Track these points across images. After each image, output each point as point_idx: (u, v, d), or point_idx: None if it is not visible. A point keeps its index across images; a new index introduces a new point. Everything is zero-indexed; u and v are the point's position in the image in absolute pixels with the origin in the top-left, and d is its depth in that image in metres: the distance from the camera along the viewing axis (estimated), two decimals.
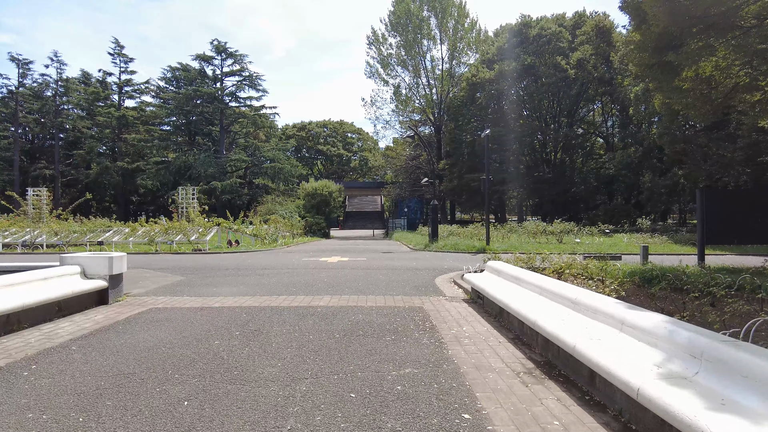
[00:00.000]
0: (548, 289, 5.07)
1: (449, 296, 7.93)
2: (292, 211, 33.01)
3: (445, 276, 10.59)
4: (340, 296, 7.85)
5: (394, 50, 47.34)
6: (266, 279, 10.18)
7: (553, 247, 18.66)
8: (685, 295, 6.05)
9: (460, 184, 41.49)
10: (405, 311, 6.59)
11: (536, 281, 5.50)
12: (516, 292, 5.81)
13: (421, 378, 3.86)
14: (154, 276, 10.95)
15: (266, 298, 7.74)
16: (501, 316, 6.08)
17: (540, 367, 4.23)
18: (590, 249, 18.15)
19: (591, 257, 11.56)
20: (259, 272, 11.50)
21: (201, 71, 53.46)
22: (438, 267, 12.55)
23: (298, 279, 10.13)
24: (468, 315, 6.39)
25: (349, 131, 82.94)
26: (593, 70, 37.86)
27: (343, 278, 10.24)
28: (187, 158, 50.39)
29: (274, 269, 12.14)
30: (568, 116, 42.69)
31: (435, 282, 9.68)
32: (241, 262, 14.26)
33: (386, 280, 10.00)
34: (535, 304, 5.07)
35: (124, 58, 56.46)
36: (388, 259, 15.31)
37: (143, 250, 18.91)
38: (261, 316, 6.31)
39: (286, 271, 11.59)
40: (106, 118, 53.44)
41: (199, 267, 12.94)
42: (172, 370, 4.08)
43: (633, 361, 3.13)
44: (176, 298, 7.83)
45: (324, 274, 10.90)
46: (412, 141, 54.53)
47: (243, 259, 15.71)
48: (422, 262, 13.91)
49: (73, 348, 4.80)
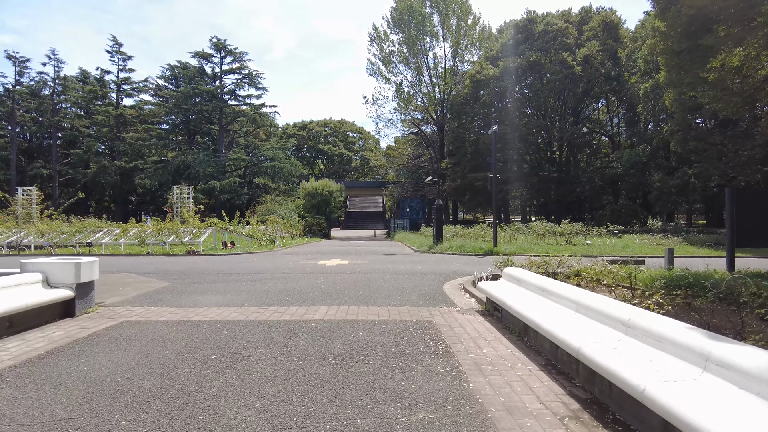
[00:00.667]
0: (589, 306, 4.17)
1: (461, 307, 7.04)
2: (291, 211, 32.13)
3: (454, 282, 9.70)
4: (338, 307, 6.97)
5: (396, 47, 46.48)
6: (258, 285, 9.31)
7: (564, 249, 17.77)
8: (742, 310, 5.15)
9: (463, 184, 40.58)
10: (412, 327, 5.70)
11: (571, 295, 4.61)
12: (544, 307, 4.92)
13: (439, 428, 2.97)
14: (138, 281, 10.08)
15: (254, 309, 6.86)
16: (526, 334, 5.19)
17: (587, 407, 3.34)
18: (603, 251, 17.25)
19: (612, 261, 10.68)
20: (252, 277, 10.62)
21: (200, 69, 52.63)
22: (445, 271, 11.66)
23: (293, 285, 9.25)
24: (486, 332, 5.50)
25: (351, 130, 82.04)
26: (600, 66, 36.93)
27: (343, 284, 9.36)
28: (186, 157, 49.57)
29: (269, 274, 11.26)
30: (574, 114, 41.76)
31: (443, 289, 8.79)
32: (235, 266, 13.38)
33: (390, 286, 9.11)
34: (573, 323, 4.18)
35: (123, 56, 55.68)
36: (390, 262, 14.42)
37: (134, 252, 18.05)
38: (245, 333, 5.43)
39: (281, 277, 10.71)
40: (104, 116, 52.64)
41: (189, 271, 12.07)
42: (120, 413, 3.20)
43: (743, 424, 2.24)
44: (154, 309, 6.96)
45: (322, 280, 10.02)
46: (415, 140, 53.69)
47: (237, 262, 14.83)
48: (427, 266, 13.02)
49: (7, 379, 3.92)
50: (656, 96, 32.00)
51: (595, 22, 38.86)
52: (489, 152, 42.12)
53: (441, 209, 18.95)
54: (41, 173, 51.50)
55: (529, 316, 4.82)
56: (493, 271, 10.15)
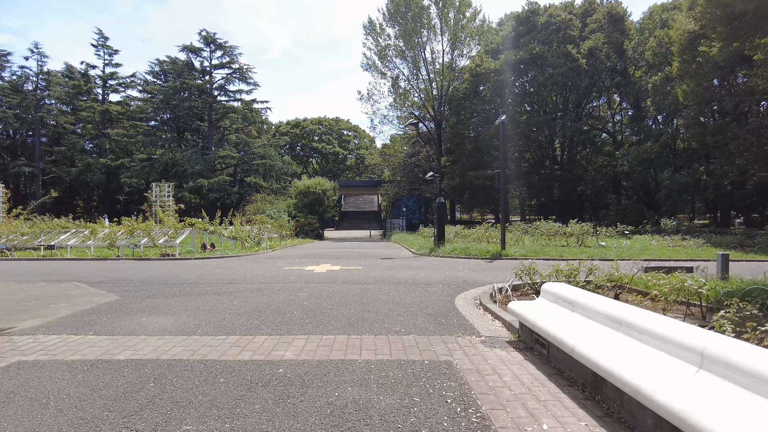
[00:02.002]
0: (730, 362, 2.43)
1: (486, 336, 5.29)
2: (281, 211, 30.28)
3: (467, 295, 7.97)
4: (320, 337, 5.21)
5: (392, 41, 44.70)
6: (225, 301, 7.53)
7: (578, 252, 16.11)
8: None
9: (462, 182, 38.92)
10: (425, 374, 3.95)
11: (682, 338, 2.87)
12: (629, 350, 3.19)
13: None
14: (82, 294, 8.28)
15: (207, 340, 5.09)
16: (598, 390, 3.46)
17: None
18: (620, 254, 15.59)
19: (650, 268, 8.98)
20: (222, 289, 8.84)
21: (188, 63, 50.60)
22: (453, 279, 9.92)
23: (269, 301, 7.48)
24: (533, 384, 3.75)
25: (345, 128, 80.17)
26: (606, 59, 35.36)
27: (330, 299, 7.60)
28: (175, 155, 47.55)
29: (243, 284, 9.48)
30: (577, 109, 40.21)
31: (456, 305, 7.06)
32: (208, 273, 11.59)
33: (389, 302, 7.36)
34: (700, 390, 2.46)
35: (109, 50, 53.65)
36: (388, 268, 12.67)
37: (104, 255, 16.19)
38: (178, 386, 3.67)
39: (256, 288, 8.93)
40: (89, 112, 50.54)
41: (152, 279, 10.26)
42: None
43: None
44: (74, 340, 5.17)
45: (305, 293, 8.25)
46: (411, 137, 51.90)
47: (212, 267, 13.03)
48: (432, 273, 11.28)
49: None
50: (665, 90, 30.47)
51: (600, 13, 37.32)
52: (489, 149, 40.57)
53: (444, 208, 17.23)
54: (23, 171, 49.35)
55: (610, 369, 3.07)
56: (513, 281, 8.43)
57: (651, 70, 33.90)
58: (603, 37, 36.12)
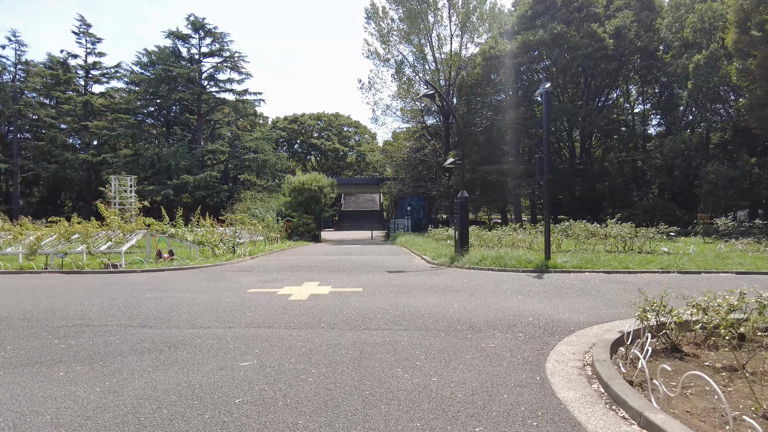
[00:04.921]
0: None
1: None
2: (267, 210, 26.45)
3: (560, 357, 4.15)
4: None
5: (396, 24, 40.89)
6: (85, 383, 3.74)
7: (640, 260, 12.31)
8: None
9: (472, 178, 35.01)
10: None
11: None
12: None
13: None
14: None
15: None
16: None
17: None
18: (700, 265, 11.79)
19: None
20: (114, 342, 5.04)
21: (175, 50, 46.76)
22: (510, 315, 6.09)
23: (172, 384, 3.68)
24: None
25: (346, 124, 76.23)
26: (636, 39, 31.44)
27: (296, 385, 3.80)
28: (161, 150, 43.79)
29: (162, 327, 5.68)
30: (601, 96, 36.30)
31: (560, 398, 3.24)
32: (132, 298, 7.79)
33: (414, 390, 3.55)
34: None
35: (91, 38, 49.90)
36: (401, 289, 8.83)
37: (24, 267, 12.41)
38: None
39: (173, 343, 5.12)
40: (69, 105, 46.83)
41: (33, 315, 6.46)
42: None
43: None
44: None
45: (253, 363, 4.42)
46: (416, 133, 48.05)
47: (151, 286, 9.22)
48: (470, 300, 7.44)
49: None
50: (709, 72, 26.58)
51: None
52: (504, 141, 36.73)
53: (466, 204, 13.41)
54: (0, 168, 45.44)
55: None
56: (649, 325, 4.68)
57: (688, 50, 30.02)
58: (632, 14, 32.27)
